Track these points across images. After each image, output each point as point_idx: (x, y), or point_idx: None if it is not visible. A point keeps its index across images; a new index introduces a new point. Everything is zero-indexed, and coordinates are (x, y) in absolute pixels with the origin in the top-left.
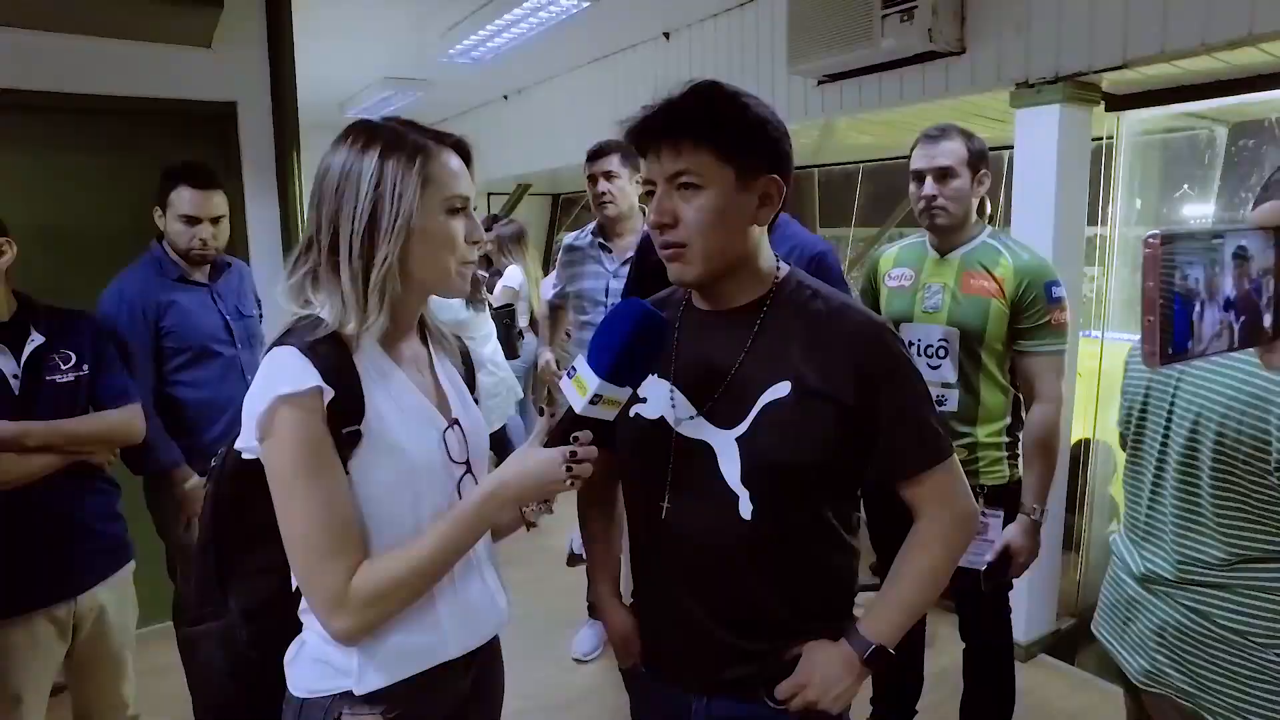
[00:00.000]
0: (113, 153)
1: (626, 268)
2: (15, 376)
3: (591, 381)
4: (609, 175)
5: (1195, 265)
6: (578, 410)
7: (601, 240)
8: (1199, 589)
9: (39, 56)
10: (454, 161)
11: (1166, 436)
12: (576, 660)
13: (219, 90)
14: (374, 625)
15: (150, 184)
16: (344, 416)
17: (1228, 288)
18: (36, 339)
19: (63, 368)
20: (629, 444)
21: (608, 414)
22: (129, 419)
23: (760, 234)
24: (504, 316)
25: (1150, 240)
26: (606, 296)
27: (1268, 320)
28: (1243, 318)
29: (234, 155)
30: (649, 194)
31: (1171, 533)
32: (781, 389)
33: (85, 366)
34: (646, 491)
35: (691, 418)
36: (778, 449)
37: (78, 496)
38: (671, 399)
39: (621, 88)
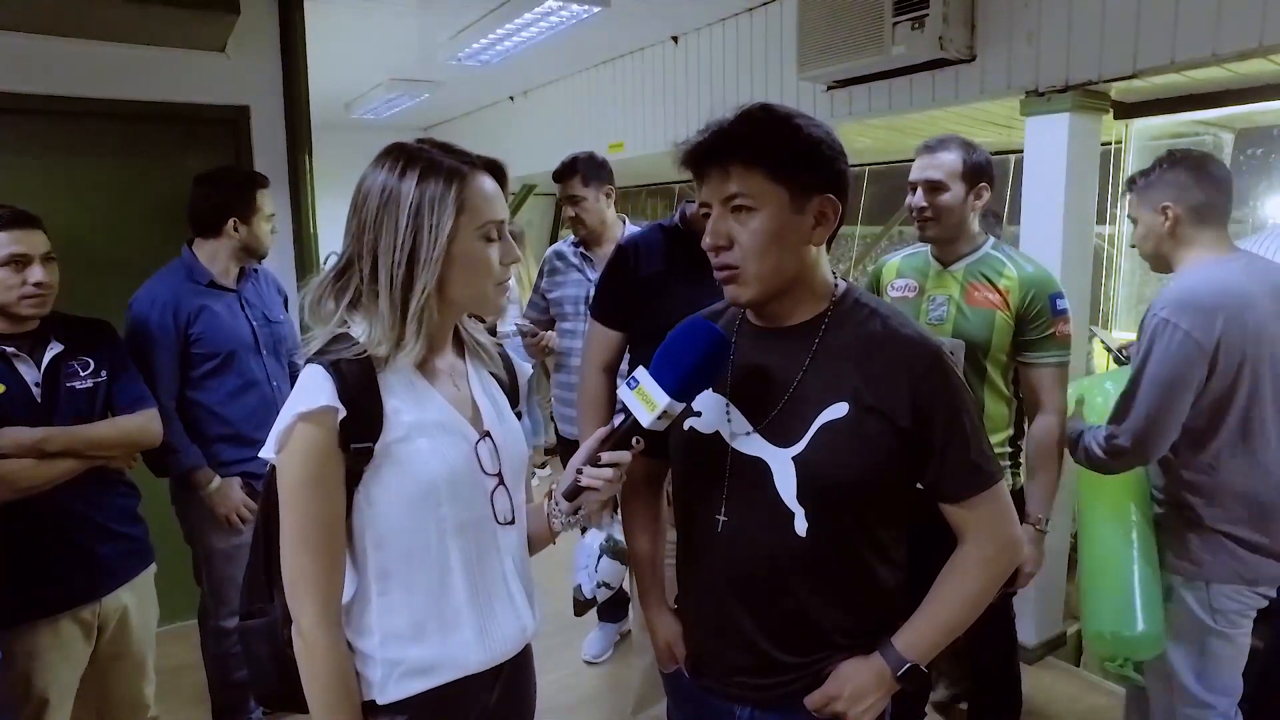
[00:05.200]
0: (126, 157)
1: None
2: (36, 384)
3: (661, 399)
4: (573, 200)
5: None
6: (646, 425)
7: (583, 250)
8: None
9: (55, 62)
10: (488, 185)
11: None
12: (587, 662)
13: (232, 94)
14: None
15: (164, 187)
16: (356, 433)
17: None
18: (56, 347)
19: (81, 374)
20: (684, 457)
21: (664, 425)
22: (146, 423)
23: (817, 253)
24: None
25: None
26: (586, 304)
27: None
28: None
29: (246, 158)
30: (705, 216)
31: None
32: (839, 409)
33: (103, 373)
34: (702, 504)
35: (748, 434)
36: (833, 468)
37: (100, 500)
38: (727, 414)
39: (628, 91)
